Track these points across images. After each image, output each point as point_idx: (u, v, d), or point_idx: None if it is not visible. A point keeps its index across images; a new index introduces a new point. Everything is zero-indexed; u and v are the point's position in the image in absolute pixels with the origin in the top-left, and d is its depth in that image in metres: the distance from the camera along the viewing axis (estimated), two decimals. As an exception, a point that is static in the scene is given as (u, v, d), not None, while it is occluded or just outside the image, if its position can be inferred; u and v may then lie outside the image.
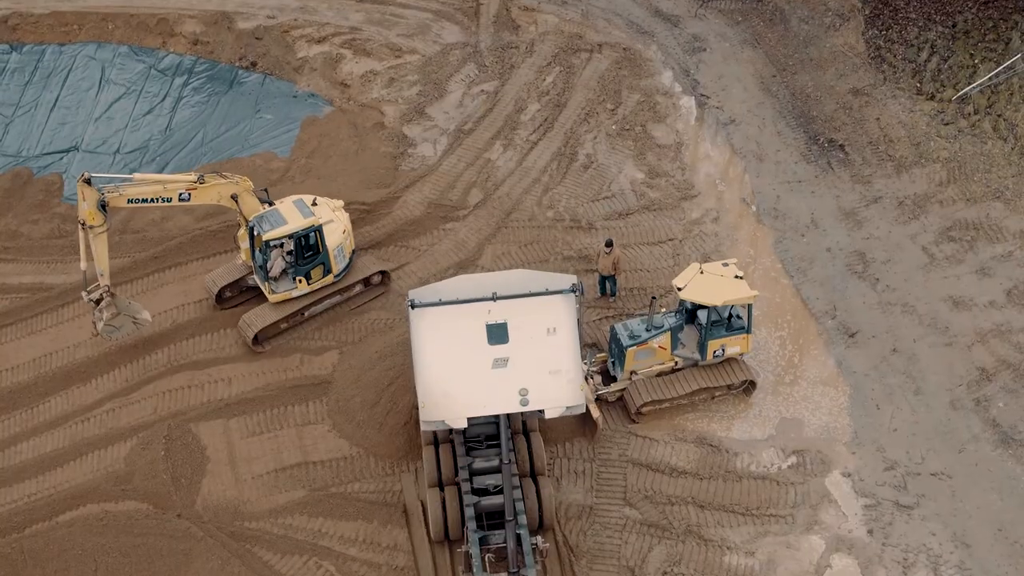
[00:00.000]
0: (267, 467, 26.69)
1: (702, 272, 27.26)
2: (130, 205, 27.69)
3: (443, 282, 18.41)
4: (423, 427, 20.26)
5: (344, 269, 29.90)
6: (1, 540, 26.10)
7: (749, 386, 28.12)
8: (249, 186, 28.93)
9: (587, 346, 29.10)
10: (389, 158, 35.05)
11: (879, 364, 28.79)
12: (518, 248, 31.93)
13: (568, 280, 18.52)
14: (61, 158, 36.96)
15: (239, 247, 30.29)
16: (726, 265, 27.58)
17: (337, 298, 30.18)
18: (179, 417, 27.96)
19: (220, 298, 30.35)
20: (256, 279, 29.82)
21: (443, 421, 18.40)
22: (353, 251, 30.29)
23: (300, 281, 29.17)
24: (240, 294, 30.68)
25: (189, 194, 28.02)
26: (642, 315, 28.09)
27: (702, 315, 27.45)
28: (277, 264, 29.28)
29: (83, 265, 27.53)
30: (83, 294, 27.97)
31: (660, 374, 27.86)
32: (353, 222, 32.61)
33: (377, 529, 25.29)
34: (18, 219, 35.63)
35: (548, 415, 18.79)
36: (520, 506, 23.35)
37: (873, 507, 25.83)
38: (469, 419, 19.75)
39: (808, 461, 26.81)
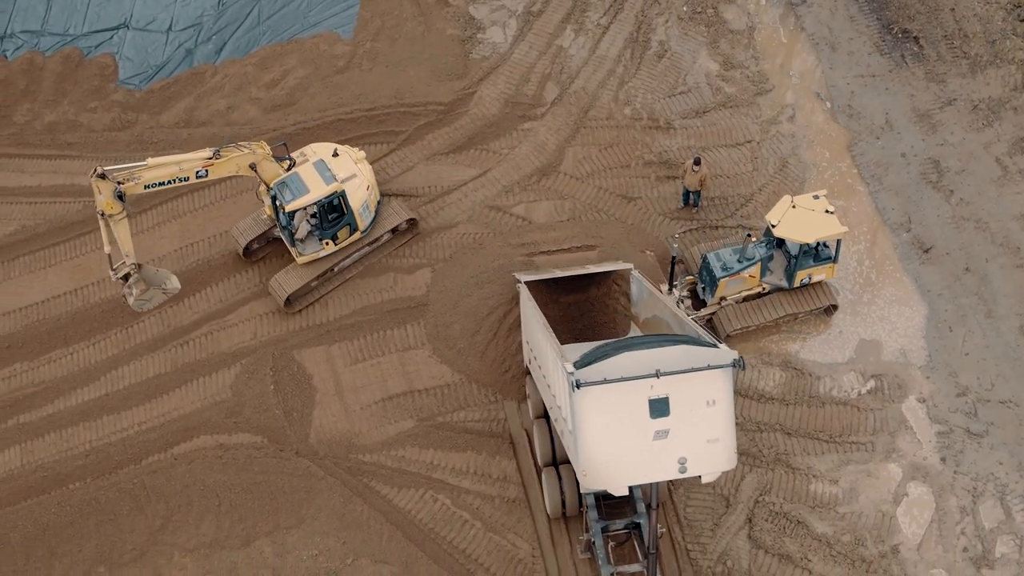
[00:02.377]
0: (374, 397, 25.97)
1: (794, 206, 25.91)
2: (147, 190, 25.19)
3: (607, 361, 17.37)
4: (583, 490, 19.41)
5: (371, 223, 27.61)
6: (120, 472, 25.66)
7: (831, 307, 27.39)
8: (267, 153, 26.15)
9: (676, 262, 27.97)
10: (458, 43, 32.02)
11: (952, 284, 27.98)
12: (598, 151, 29.92)
13: (729, 355, 17.57)
14: (111, 36, 33.42)
15: (262, 201, 27.67)
16: (816, 198, 26.17)
17: (366, 249, 27.82)
18: (280, 344, 26.89)
19: (247, 251, 28.11)
20: (282, 236, 27.56)
21: (604, 489, 18.03)
22: (379, 201, 27.90)
23: (327, 243, 27.11)
24: (267, 244, 28.35)
25: (206, 170, 25.46)
26: (733, 246, 26.81)
27: (791, 246, 26.34)
28: (302, 227, 27.03)
29: (107, 249, 25.03)
30: (110, 273, 25.50)
31: (747, 299, 27.01)
32: (430, 124, 30.35)
33: (487, 460, 25.03)
34: (75, 107, 32.72)
35: (705, 479, 18.49)
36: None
37: (946, 434, 25.85)
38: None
39: (886, 386, 26.52)
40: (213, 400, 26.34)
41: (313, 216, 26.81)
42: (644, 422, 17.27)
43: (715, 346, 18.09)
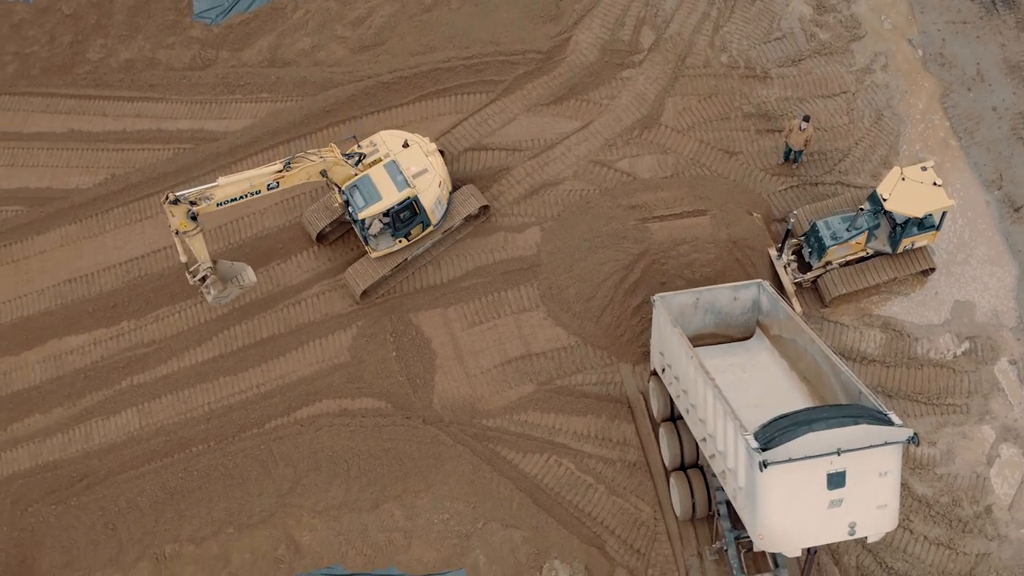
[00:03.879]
0: (494, 360, 25.00)
1: (903, 179, 24.79)
2: (220, 208, 23.52)
3: (793, 442, 17.61)
4: (756, 550, 19.32)
5: (443, 215, 25.75)
6: (244, 437, 24.74)
7: (928, 270, 26.58)
8: (337, 158, 24.21)
9: (775, 220, 26.85)
10: (548, -20, 29.53)
11: (1043, 244, 27.17)
12: (698, 102, 28.14)
13: (905, 433, 17.90)
14: (182, -37, 30.41)
15: (332, 188, 25.70)
16: (924, 169, 25.03)
17: (438, 237, 26.04)
18: (396, 307, 25.61)
19: (320, 237, 26.31)
20: (355, 229, 25.71)
21: (779, 551, 18.53)
22: (450, 191, 25.96)
23: (400, 241, 25.36)
24: (339, 227, 26.48)
25: (277, 182, 23.68)
26: (841, 213, 25.66)
27: (899, 216, 25.31)
28: (375, 225, 25.27)
29: (183, 259, 23.70)
30: (188, 276, 24.16)
31: (848, 262, 26.08)
32: (529, 73, 28.26)
33: (606, 424, 24.41)
34: (151, 43, 30.10)
35: (870, 540, 18.76)
36: None
37: (1037, 395, 25.61)
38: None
39: (979, 348, 25.98)
40: (332, 363, 25.24)
41: (385, 215, 24.99)
42: (821, 493, 17.71)
43: (888, 419, 18.12)
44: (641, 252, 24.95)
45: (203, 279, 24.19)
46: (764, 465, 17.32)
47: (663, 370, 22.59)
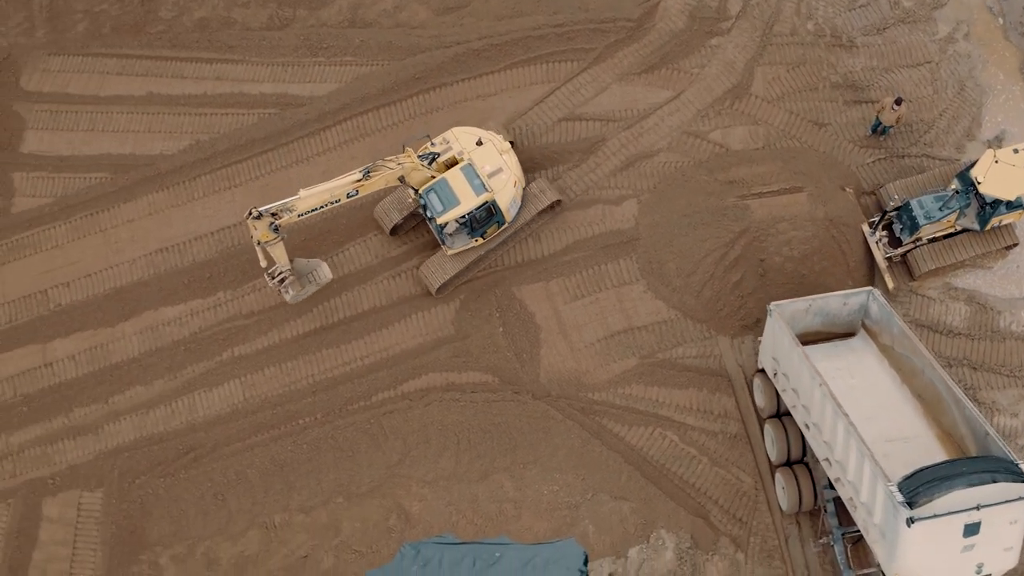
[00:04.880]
0: (597, 334, 24.53)
1: (996, 161, 24.27)
2: (301, 218, 22.80)
3: (939, 500, 18.51)
4: None
5: (517, 212, 24.82)
6: (352, 409, 24.23)
7: (1011, 245, 26.25)
8: (414, 163, 23.30)
9: (864, 193, 26.30)
10: (631, -58, 28.16)
11: (1120, 215, 26.83)
12: (786, 71, 27.23)
13: None
14: (259, -79, 28.62)
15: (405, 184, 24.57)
16: (1016, 152, 24.48)
17: (510, 231, 25.12)
18: (499, 282, 24.93)
19: (394, 230, 25.37)
20: (429, 225, 24.75)
21: None
22: (524, 187, 24.96)
23: (476, 240, 24.52)
24: (412, 218, 25.47)
25: (356, 190, 22.85)
26: (933, 192, 25.12)
27: (988, 196, 24.88)
28: (451, 224, 24.35)
29: (263, 263, 23.07)
30: (266, 278, 23.55)
31: (936, 239, 25.70)
32: (620, 41, 27.13)
33: (707, 397, 24.16)
34: (224, 1, 28.48)
35: None
36: None
37: (1114, 364, 25.60)
38: None
39: (1061, 317, 25.90)
40: (436, 336, 24.67)
41: (462, 216, 24.07)
42: (956, 540, 18.63)
43: (1020, 471, 18.79)
44: (742, 230, 24.40)
45: (282, 280, 23.58)
46: (911, 521, 18.12)
47: (775, 374, 22.27)
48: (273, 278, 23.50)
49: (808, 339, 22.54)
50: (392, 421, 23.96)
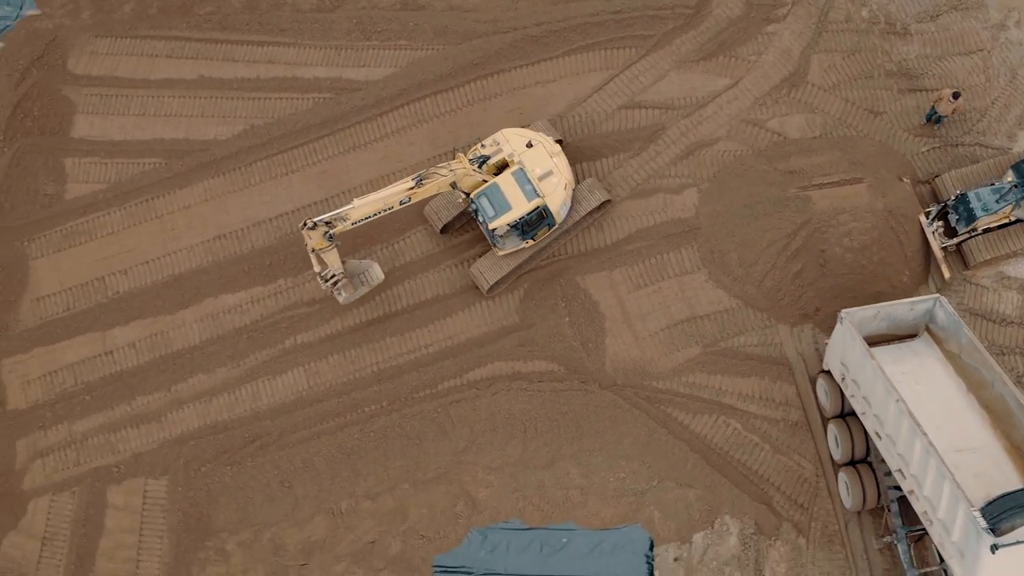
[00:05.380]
0: (660, 323, 24.57)
1: None
2: (354, 226, 22.76)
3: (1020, 529, 18.88)
4: None
5: (567, 213, 24.58)
6: (419, 398, 24.22)
7: (1061, 232, 26.42)
8: (466, 170, 23.11)
9: (919, 183, 26.34)
10: (685, -73, 27.79)
11: None
12: (842, 59, 27.08)
13: None
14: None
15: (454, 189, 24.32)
16: None
17: (560, 231, 24.95)
18: (563, 271, 24.87)
19: (444, 229, 25.15)
20: (481, 228, 24.50)
21: None
22: (574, 187, 24.72)
23: (527, 242, 24.33)
24: (461, 215, 25.18)
25: (409, 197, 22.71)
26: (989, 185, 25.16)
27: (1041, 184, 25.00)
28: (501, 227, 24.12)
29: (316, 268, 23.07)
30: (319, 281, 23.47)
31: (990, 229, 25.82)
32: (677, 28, 26.86)
33: (769, 385, 24.29)
34: (275, -19, 27.96)
35: None
36: None
37: None
38: None
39: (1110, 306, 26.17)
40: (501, 325, 24.65)
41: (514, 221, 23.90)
42: None
43: None
44: (804, 221, 24.43)
45: (335, 283, 23.53)
46: (995, 548, 18.32)
47: (842, 378, 22.37)
48: (326, 281, 23.42)
49: (870, 341, 22.56)
50: (459, 410, 24.01)
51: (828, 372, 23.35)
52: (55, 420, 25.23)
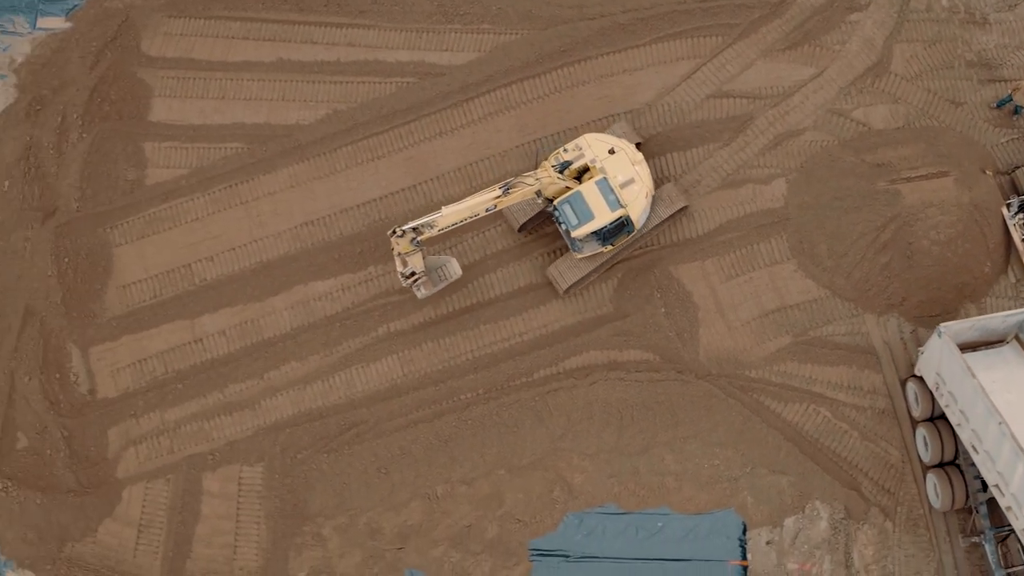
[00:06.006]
0: (751, 313, 25.02)
1: None
2: (441, 233, 23.14)
3: None
4: None
5: (645, 219, 24.76)
6: (515, 386, 24.58)
7: None
8: (551, 179, 23.41)
9: (999, 174, 26.71)
10: (768, -87, 27.66)
11: None
12: (923, 48, 27.35)
13: None
14: None
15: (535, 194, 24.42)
16: None
17: (637, 236, 25.10)
18: (657, 261, 25.07)
19: (522, 228, 25.33)
20: (561, 232, 24.67)
21: None
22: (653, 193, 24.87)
23: (606, 247, 24.59)
24: (539, 215, 25.23)
25: (495, 204, 22.99)
26: None
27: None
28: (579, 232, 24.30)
29: (400, 268, 23.39)
30: (400, 278, 23.70)
31: (1066, 221, 26.37)
32: (763, 17, 26.84)
33: (856, 374, 24.85)
34: (351, -39, 27.56)
35: None
36: None
37: None
38: None
39: None
40: (595, 314, 24.98)
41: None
42: None
43: None
44: (893, 215, 24.94)
45: (415, 280, 23.87)
46: None
47: (936, 387, 22.97)
48: (407, 279, 23.76)
49: (960, 347, 23.00)
50: (557, 399, 24.38)
51: (917, 377, 23.78)
52: (147, 408, 25.33)
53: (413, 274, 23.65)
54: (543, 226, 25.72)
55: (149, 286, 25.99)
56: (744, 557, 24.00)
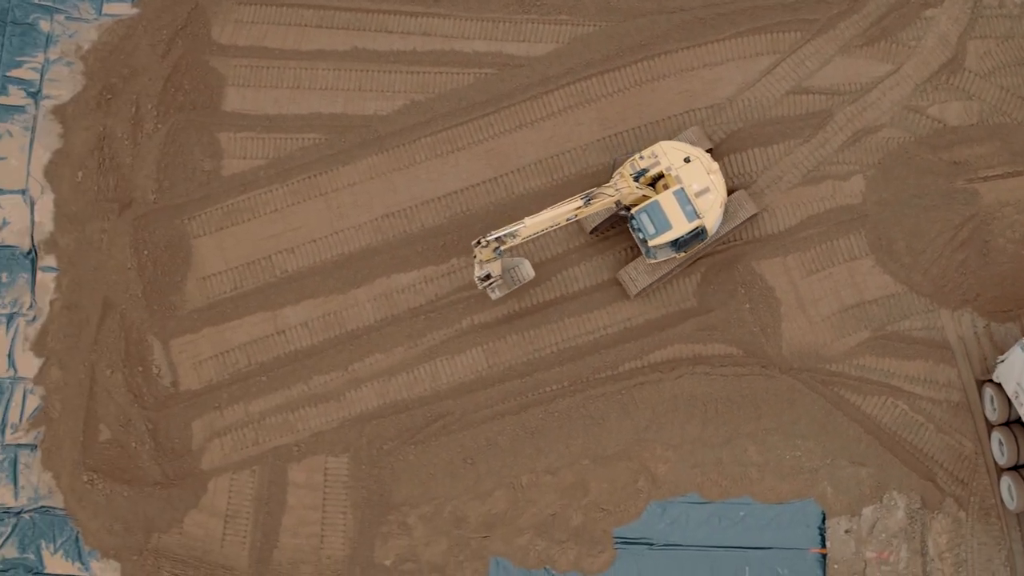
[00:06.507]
0: (831, 308, 25.63)
1: None
2: (523, 242, 23.70)
3: None
4: None
5: (718, 226, 25.28)
6: (601, 379, 25.05)
7: None
8: (631, 189, 23.87)
9: (1065, 169, 27.26)
10: (845, -93, 27.75)
11: None
12: (996, 45, 27.80)
13: None
14: None
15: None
16: None
17: (709, 242, 25.54)
18: (739, 257, 25.43)
19: (594, 231, 25.77)
20: (635, 238, 25.05)
21: None
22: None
23: (679, 254, 25.06)
24: (610, 218, 25.55)
25: (575, 214, 23.50)
26: None
27: None
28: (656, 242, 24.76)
29: (478, 273, 23.83)
30: (476, 281, 24.17)
31: None
32: (843, 12, 27.06)
33: (932, 368, 25.55)
34: (425, -51, 27.44)
35: None
36: None
37: None
38: None
39: None
40: (678, 308, 25.48)
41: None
42: None
43: None
44: (971, 214, 25.74)
45: (490, 283, 24.45)
46: None
47: (1016, 395, 23.71)
48: (482, 281, 24.35)
49: None
50: (643, 392, 24.93)
51: (994, 382, 24.46)
52: (231, 400, 25.58)
53: (488, 276, 24.14)
54: (614, 227, 26.03)
55: (229, 278, 26.07)
56: (823, 545, 24.74)
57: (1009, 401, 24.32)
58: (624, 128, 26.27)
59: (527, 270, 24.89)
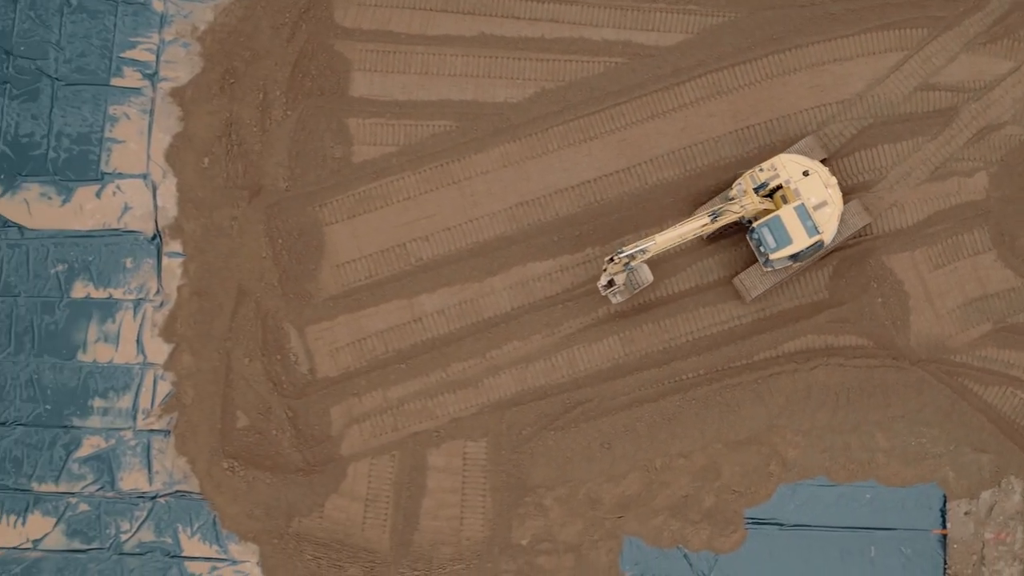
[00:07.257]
0: (956, 301, 26.70)
1: None
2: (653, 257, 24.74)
3: None
4: None
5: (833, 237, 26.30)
6: (736, 368, 25.94)
7: None
8: (755, 206, 24.76)
9: None
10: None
11: None
12: (1099, 44, 28.41)
13: None
14: None
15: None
16: None
17: (823, 252, 26.43)
18: (870, 252, 26.19)
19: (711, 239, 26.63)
20: (754, 248, 25.79)
21: None
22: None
23: (795, 264, 25.97)
24: (728, 226, 26.10)
25: (703, 230, 24.49)
26: None
27: None
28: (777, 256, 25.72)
29: (602, 281, 24.77)
30: (600, 288, 25.12)
31: None
32: (969, 9, 27.51)
33: (1048, 359, 26.70)
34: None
35: None
36: None
37: None
38: None
39: None
40: (811, 299, 26.47)
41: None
42: None
43: None
44: (1093, 210, 26.48)
45: (613, 290, 25.39)
46: None
47: None
48: (605, 288, 25.33)
49: None
50: (778, 381, 26.01)
51: None
52: (369, 387, 26.02)
53: (611, 283, 25.10)
54: (725, 236, 26.85)
55: (364, 265, 26.29)
56: (944, 526, 25.96)
57: None
58: (756, 121, 26.79)
59: (646, 274, 25.72)
